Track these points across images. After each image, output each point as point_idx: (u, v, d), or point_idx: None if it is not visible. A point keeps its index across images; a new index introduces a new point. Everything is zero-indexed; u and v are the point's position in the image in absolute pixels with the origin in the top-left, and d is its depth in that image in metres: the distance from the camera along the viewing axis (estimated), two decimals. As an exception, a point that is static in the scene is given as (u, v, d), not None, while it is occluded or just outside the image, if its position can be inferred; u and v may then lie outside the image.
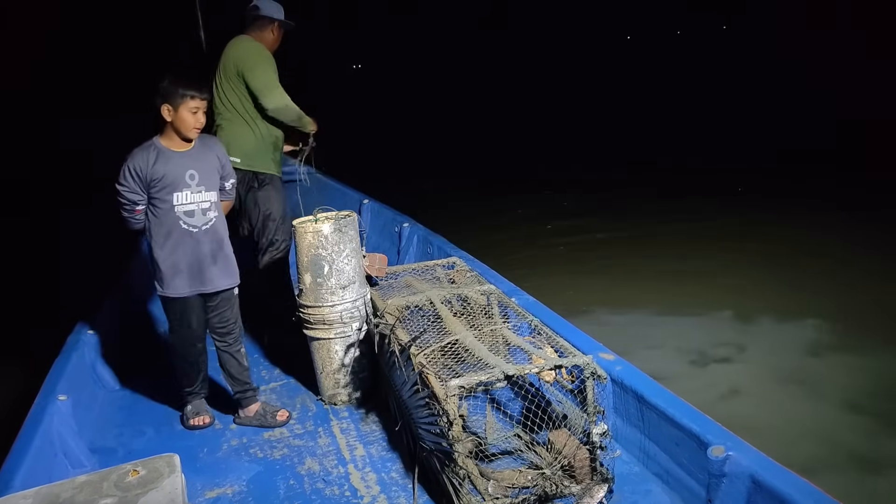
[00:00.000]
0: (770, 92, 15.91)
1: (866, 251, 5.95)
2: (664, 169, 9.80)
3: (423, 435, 2.63)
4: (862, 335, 4.59)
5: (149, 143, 2.95)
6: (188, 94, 2.88)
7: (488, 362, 2.55)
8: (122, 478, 1.63)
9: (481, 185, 10.08)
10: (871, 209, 6.98)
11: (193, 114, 2.91)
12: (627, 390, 2.81)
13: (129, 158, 2.90)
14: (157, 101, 2.88)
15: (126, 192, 2.90)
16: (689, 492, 2.50)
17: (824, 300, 5.15)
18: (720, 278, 5.73)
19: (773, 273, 5.72)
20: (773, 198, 7.77)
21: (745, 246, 6.35)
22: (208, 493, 2.81)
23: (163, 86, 2.88)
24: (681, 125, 13.27)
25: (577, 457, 2.56)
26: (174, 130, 2.94)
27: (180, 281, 3.02)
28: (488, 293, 3.26)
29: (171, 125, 2.92)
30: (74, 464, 2.90)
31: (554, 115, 16.53)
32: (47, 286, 6.66)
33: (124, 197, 2.92)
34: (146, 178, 2.89)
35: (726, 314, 5.10)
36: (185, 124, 2.91)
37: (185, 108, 2.88)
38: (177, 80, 2.89)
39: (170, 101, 2.87)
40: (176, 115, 2.89)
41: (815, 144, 10.06)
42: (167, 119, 2.90)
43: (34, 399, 3.04)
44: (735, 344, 4.64)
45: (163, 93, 2.87)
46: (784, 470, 2.19)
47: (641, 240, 6.90)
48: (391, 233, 5.16)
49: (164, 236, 2.97)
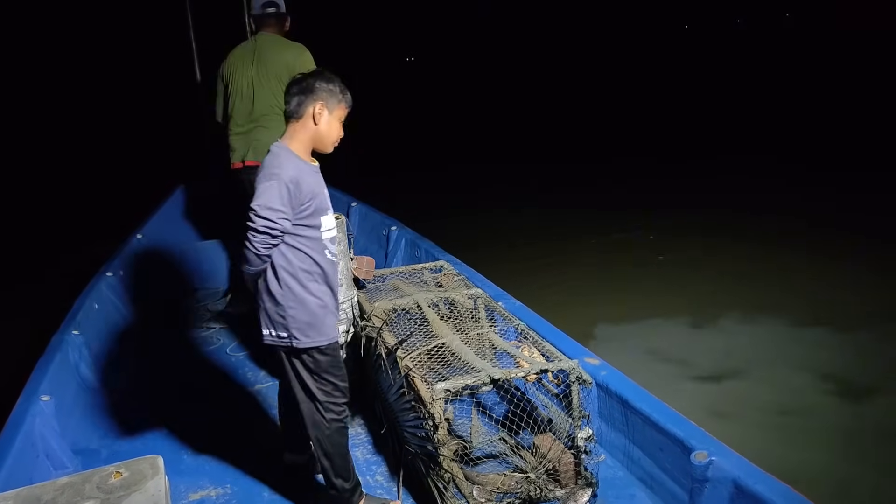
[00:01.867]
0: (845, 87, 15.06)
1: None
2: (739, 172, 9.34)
3: (409, 438, 2.63)
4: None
5: (283, 151, 2.30)
6: (345, 101, 2.37)
7: (474, 366, 2.56)
8: (104, 479, 1.62)
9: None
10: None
11: (341, 124, 2.41)
12: (612, 395, 2.83)
13: (279, 171, 2.21)
14: (301, 96, 2.30)
15: (281, 217, 2.18)
16: (673, 496, 2.52)
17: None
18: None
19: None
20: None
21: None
22: (192, 496, 2.80)
23: (320, 82, 2.32)
24: (740, 121, 12.73)
25: (562, 461, 2.57)
26: (311, 139, 2.34)
27: (331, 320, 2.42)
28: (475, 297, 3.27)
29: (312, 131, 2.33)
30: (57, 465, 2.88)
31: (609, 106, 15.93)
32: (31, 283, 6.61)
33: (276, 225, 2.17)
34: (297, 198, 2.24)
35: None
36: (333, 134, 2.37)
37: (338, 115, 2.37)
38: (339, 81, 2.37)
39: (327, 102, 2.32)
40: (330, 119, 2.34)
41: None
42: (315, 122, 2.31)
43: (16, 399, 3.01)
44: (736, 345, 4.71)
45: (320, 88, 2.31)
46: (766, 475, 2.21)
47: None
48: (379, 236, 5.17)
49: (308, 271, 2.33)
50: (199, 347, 4.15)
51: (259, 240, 2.17)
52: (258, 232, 2.16)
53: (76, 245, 7.05)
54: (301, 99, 2.30)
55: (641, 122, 13.65)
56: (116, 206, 8.15)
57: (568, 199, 8.71)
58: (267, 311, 2.33)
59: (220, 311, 4.60)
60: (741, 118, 13.19)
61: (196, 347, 4.15)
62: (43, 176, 11.27)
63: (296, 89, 2.32)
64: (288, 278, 2.29)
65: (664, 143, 11.60)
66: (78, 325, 3.74)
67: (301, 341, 2.33)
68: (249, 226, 2.15)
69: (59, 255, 7.26)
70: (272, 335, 2.35)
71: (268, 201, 2.16)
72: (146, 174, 9.10)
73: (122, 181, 10.01)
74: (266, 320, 2.35)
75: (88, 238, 6.94)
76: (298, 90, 2.31)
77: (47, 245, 7.82)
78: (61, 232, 8.20)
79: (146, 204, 5.89)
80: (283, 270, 2.28)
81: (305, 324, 2.32)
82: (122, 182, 9.96)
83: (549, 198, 8.89)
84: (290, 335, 2.32)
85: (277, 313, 2.31)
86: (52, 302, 4.43)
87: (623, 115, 14.53)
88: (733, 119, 13.19)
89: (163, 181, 6.35)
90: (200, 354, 4.07)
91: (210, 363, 3.96)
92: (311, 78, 2.33)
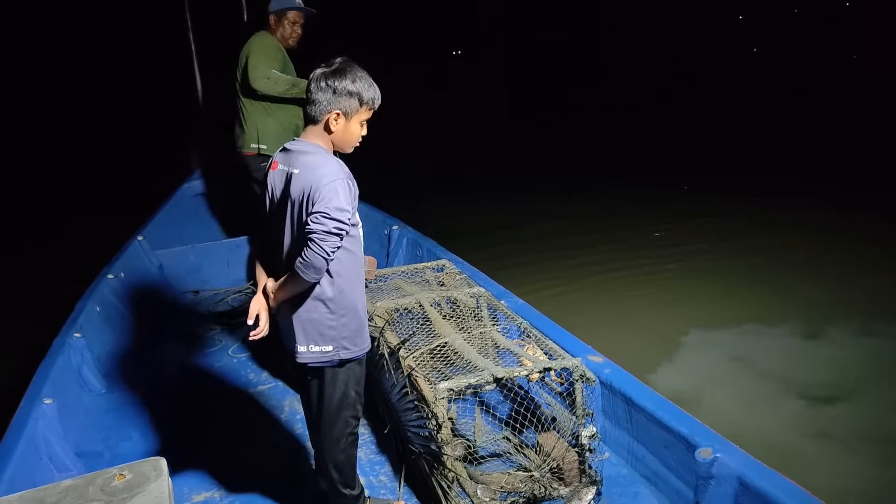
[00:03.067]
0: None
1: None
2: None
3: (412, 438, 2.63)
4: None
5: (322, 152, 2.17)
6: (367, 104, 2.18)
7: (477, 365, 2.55)
8: (108, 482, 1.61)
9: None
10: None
11: (362, 126, 2.23)
12: (616, 393, 2.82)
13: (339, 169, 2.11)
14: (320, 98, 2.13)
15: (349, 217, 2.09)
16: (677, 494, 2.52)
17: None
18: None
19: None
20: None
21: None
22: (196, 497, 2.79)
23: (339, 83, 2.12)
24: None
25: (566, 459, 2.57)
26: (332, 142, 2.21)
27: (366, 332, 2.32)
28: (477, 296, 3.27)
29: (329, 137, 2.19)
30: (60, 468, 2.87)
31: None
32: (32, 286, 6.60)
33: (345, 226, 2.07)
34: (354, 195, 2.15)
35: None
36: (351, 138, 2.22)
37: (359, 119, 2.20)
38: (362, 79, 2.16)
39: (346, 108, 2.14)
40: (348, 124, 2.18)
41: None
42: (331, 129, 2.16)
43: (19, 402, 3.01)
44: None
45: (335, 93, 2.12)
46: (771, 472, 2.21)
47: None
48: (381, 235, 5.16)
49: (355, 273, 2.24)
50: (200, 349, 4.14)
51: (330, 242, 2.04)
52: (330, 234, 2.04)
53: (77, 247, 7.04)
54: (318, 107, 2.14)
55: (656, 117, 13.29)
56: (114, 206, 8.14)
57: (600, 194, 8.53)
58: (314, 322, 2.19)
59: (221, 313, 4.60)
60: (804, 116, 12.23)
61: (198, 349, 4.15)
62: (42, 176, 11.25)
63: (315, 91, 2.14)
64: (342, 282, 2.18)
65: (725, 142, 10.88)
66: (80, 328, 3.74)
67: (350, 350, 2.23)
68: (319, 229, 2.03)
69: (58, 257, 7.25)
70: (312, 350, 2.21)
71: (336, 204, 2.05)
72: (145, 174, 9.07)
73: (122, 181, 9.98)
74: (308, 334, 2.20)
75: (88, 239, 6.92)
76: (317, 89, 2.13)
77: (46, 247, 7.81)
78: (59, 234, 8.19)
79: (142, 204, 5.88)
80: (338, 275, 2.16)
81: (354, 331, 2.23)
82: (121, 182, 9.93)
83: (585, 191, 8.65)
84: (337, 347, 2.21)
85: (327, 324, 2.19)
86: (54, 305, 4.43)
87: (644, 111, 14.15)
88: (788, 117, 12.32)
89: (159, 181, 6.34)
90: (202, 356, 4.07)
91: (212, 365, 3.96)
92: (331, 79, 2.12)
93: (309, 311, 2.19)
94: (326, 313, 2.19)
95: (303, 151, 2.16)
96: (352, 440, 2.38)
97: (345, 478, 2.39)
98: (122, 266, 4.59)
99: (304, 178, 2.10)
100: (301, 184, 2.11)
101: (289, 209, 2.16)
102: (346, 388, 2.28)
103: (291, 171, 2.15)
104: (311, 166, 2.11)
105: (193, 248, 5.13)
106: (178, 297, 4.89)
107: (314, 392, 2.31)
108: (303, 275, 2.08)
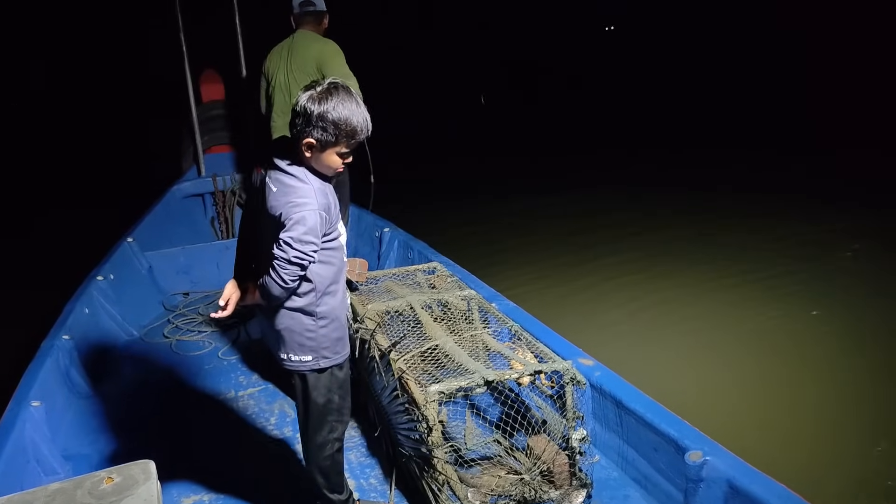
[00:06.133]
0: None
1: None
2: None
3: (403, 441, 2.62)
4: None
5: (302, 174, 2.07)
6: (343, 142, 2.04)
7: (468, 368, 2.55)
8: (96, 485, 1.60)
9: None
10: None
11: (342, 157, 2.10)
12: (606, 396, 2.83)
13: (310, 200, 2.03)
14: (297, 122, 2.03)
15: (314, 249, 2.05)
16: (667, 497, 2.52)
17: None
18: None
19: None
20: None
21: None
22: (185, 500, 2.78)
23: (318, 108, 2.00)
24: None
25: (557, 462, 2.57)
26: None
27: (346, 337, 2.33)
28: (469, 298, 3.27)
29: (307, 159, 2.08)
30: (47, 471, 2.86)
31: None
32: (19, 289, 6.55)
33: (309, 258, 2.04)
34: (327, 223, 2.10)
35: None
36: (327, 169, 2.11)
37: (334, 152, 2.06)
38: (345, 111, 2.01)
39: (320, 139, 2.02)
40: (322, 156, 2.06)
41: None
42: (306, 154, 2.06)
43: (6, 405, 2.98)
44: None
45: (316, 123, 2.00)
46: (761, 475, 2.22)
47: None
48: (371, 237, 5.15)
49: (335, 285, 2.23)
50: (189, 351, 4.13)
51: (289, 272, 2.02)
52: (290, 263, 2.01)
53: (65, 249, 6.99)
54: (294, 130, 2.05)
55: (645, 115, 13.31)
56: (109, 206, 8.09)
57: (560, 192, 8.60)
58: (293, 333, 2.19)
59: (210, 315, 4.57)
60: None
61: (187, 351, 4.13)
62: (30, 173, 11.17)
63: (295, 114, 2.05)
64: (320, 294, 2.17)
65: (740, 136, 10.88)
66: (68, 330, 3.71)
67: (331, 359, 2.24)
68: (281, 255, 2.01)
69: (48, 259, 7.20)
70: (292, 359, 2.22)
71: (302, 233, 2.00)
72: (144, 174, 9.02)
73: (119, 181, 9.92)
74: (288, 345, 2.21)
75: (78, 242, 6.88)
76: (298, 111, 2.03)
77: (39, 248, 7.76)
78: (53, 235, 8.13)
79: (134, 207, 5.85)
80: (316, 287, 2.16)
81: (334, 341, 2.24)
82: (117, 181, 9.88)
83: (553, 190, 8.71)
84: (316, 357, 2.21)
85: (306, 335, 2.18)
86: (42, 307, 4.39)
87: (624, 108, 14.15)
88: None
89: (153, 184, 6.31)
90: (192, 358, 4.05)
91: (201, 367, 3.94)
92: (311, 103, 2.00)
93: (287, 320, 2.19)
94: (305, 325, 2.19)
95: (282, 170, 2.09)
96: (338, 446, 2.38)
97: (331, 483, 2.40)
98: (111, 268, 4.56)
99: (278, 199, 2.06)
100: (274, 203, 2.07)
101: (265, 218, 2.13)
102: (329, 392, 2.29)
103: (270, 187, 2.10)
104: (286, 190, 2.06)
105: (183, 249, 5.11)
106: (168, 299, 4.87)
107: (299, 396, 2.33)
108: (262, 295, 2.15)
